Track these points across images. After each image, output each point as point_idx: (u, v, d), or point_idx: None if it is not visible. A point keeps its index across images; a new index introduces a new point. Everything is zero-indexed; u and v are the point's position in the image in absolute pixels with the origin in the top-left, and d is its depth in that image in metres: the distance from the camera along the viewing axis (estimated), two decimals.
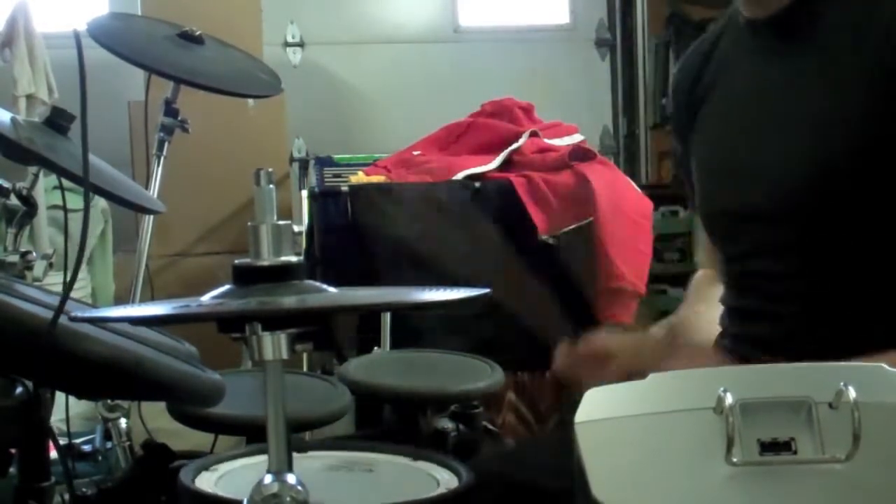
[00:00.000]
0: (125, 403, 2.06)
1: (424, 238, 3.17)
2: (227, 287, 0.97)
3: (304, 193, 3.45)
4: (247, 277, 0.97)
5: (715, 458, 0.87)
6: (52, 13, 3.95)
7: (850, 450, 0.86)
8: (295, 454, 0.93)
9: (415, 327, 2.90)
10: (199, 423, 1.67)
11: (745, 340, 1.43)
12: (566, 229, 3.15)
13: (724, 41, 1.51)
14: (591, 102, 4.53)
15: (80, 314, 1.00)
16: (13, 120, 1.62)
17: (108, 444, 2.14)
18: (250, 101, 3.57)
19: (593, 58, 4.71)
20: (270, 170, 0.99)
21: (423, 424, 1.74)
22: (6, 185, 1.81)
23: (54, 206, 3.01)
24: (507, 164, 3.39)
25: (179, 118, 2.62)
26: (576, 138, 3.56)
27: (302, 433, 1.78)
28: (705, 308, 1.53)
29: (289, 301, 0.92)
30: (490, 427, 1.90)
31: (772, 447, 0.87)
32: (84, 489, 1.55)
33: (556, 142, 3.51)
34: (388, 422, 1.80)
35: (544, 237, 3.13)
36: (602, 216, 3.13)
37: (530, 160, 3.38)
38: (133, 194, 1.85)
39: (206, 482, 1.25)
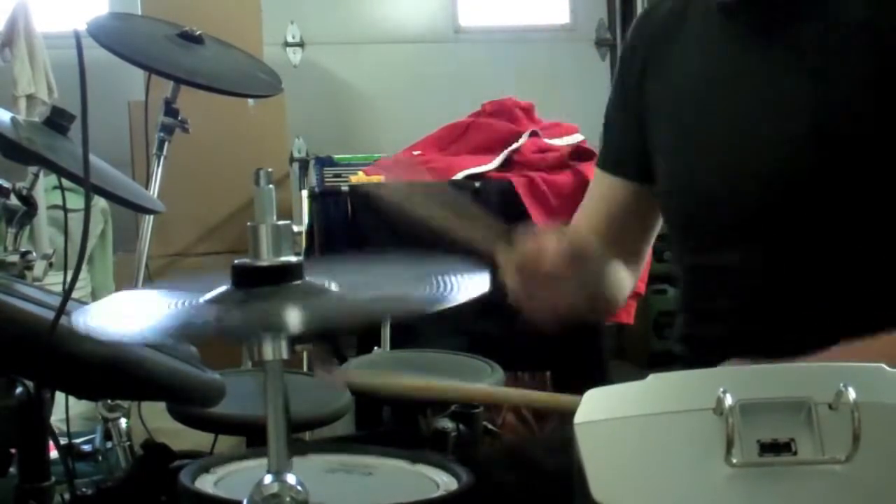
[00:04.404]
0: (125, 403, 2.06)
1: (424, 238, 3.17)
2: (225, 288, 0.97)
3: (304, 193, 3.45)
4: (246, 278, 0.97)
5: (715, 458, 0.87)
6: (52, 13, 3.95)
7: (850, 450, 0.86)
8: (294, 457, 0.93)
9: (415, 327, 2.90)
10: (199, 423, 1.67)
11: (707, 343, 1.42)
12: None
13: (690, 21, 1.47)
14: (591, 102, 4.52)
15: (81, 321, 0.99)
16: (13, 120, 1.62)
17: (108, 444, 2.14)
18: (250, 100, 3.57)
19: (593, 58, 4.71)
20: (270, 170, 0.99)
21: (423, 424, 1.74)
22: (6, 185, 1.81)
23: (54, 206, 3.01)
24: (507, 164, 3.39)
25: (179, 118, 2.61)
26: (576, 138, 3.56)
27: (302, 433, 1.78)
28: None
29: (292, 317, 0.91)
30: (490, 427, 1.90)
31: (772, 448, 0.87)
32: (84, 489, 1.55)
33: (556, 142, 3.51)
34: (388, 422, 1.80)
35: None
36: None
37: (530, 160, 3.38)
38: (133, 194, 1.85)
39: (205, 483, 1.25)
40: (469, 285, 0.99)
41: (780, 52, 1.35)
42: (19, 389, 1.30)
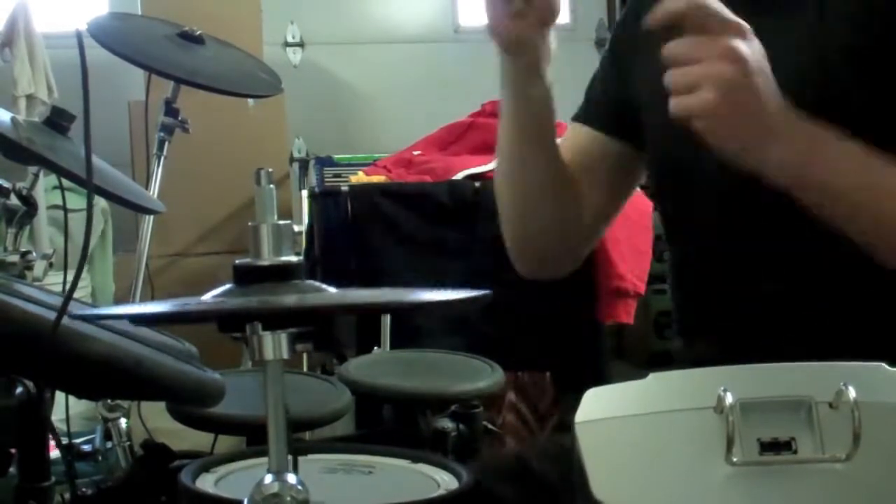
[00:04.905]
0: (125, 403, 2.06)
1: (424, 238, 3.18)
2: (227, 287, 0.97)
3: (304, 193, 3.46)
4: (247, 277, 0.97)
5: (715, 457, 0.87)
6: (52, 13, 3.96)
7: (851, 449, 0.86)
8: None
9: (415, 327, 2.90)
10: (199, 423, 1.67)
11: (698, 331, 1.42)
12: None
13: None
14: None
15: (79, 312, 1.00)
16: (13, 120, 1.62)
17: (108, 444, 2.14)
18: (250, 100, 3.58)
19: (593, 58, 4.70)
20: (270, 170, 0.99)
21: (423, 424, 1.74)
22: (6, 185, 1.82)
23: (54, 206, 3.02)
24: None
25: (179, 118, 2.62)
26: None
27: (302, 433, 1.78)
28: None
29: (289, 300, 0.92)
30: (490, 427, 1.90)
31: (772, 447, 0.87)
32: (84, 489, 1.55)
33: (556, 142, 3.50)
34: (388, 422, 1.80)
35: None
36: None
37: None
38: (133, 194, 1.85)
39: (205, 483, 1.25)
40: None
41: (772, 21, 1.34)
42: (19, 389, 1.30)
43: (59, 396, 1.55)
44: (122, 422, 2.06)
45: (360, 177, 3.43)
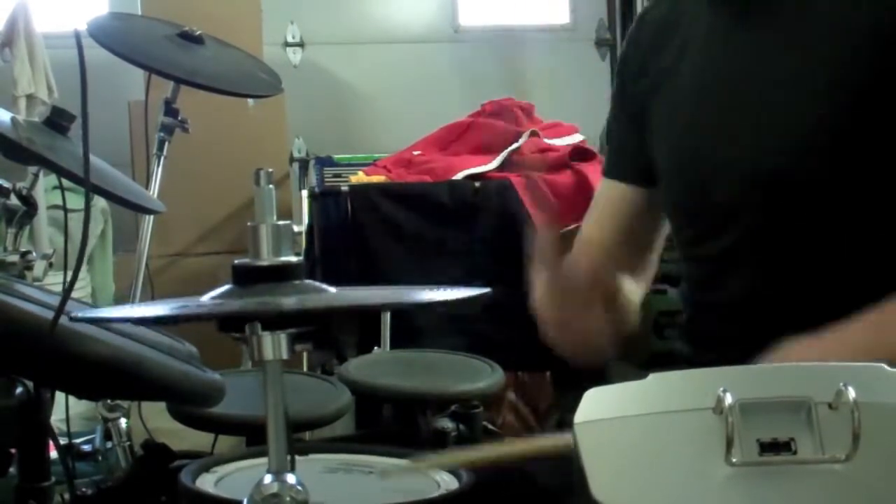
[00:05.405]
0: (125, 403, 2.06)
1: (424, 238, 3.18)
2: (226, 287, 0.97)
3: (304, 193, 3.45)
4: (246, 277, 0.97)
5: (714, 458, 0.87)
6: (52, 13, 3.95)
7: (850, 450, 0.86)
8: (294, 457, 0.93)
9: (415, 327, 2.90)
10: (199, 423, 1.67)
11: (706, 337, 1.42)
12: (566, 229, 3.15)
13: (684, 19, 1.48)
14: (591, 102, 4.52)
15: (80, 314, 1.00)
16: (13, 120, 1.62)
17: (108, 444, 2.14)
18: (250, 100, 3.58)
19: (593, 58, 4.71)
20: (270, 170, 0.99)
21: (423, 424, 1.74)
22: (6, 185, 1.82)
23: (54, 206, 3.02)
24: (507, 164, 3.39)
25: (179, 118, 2.62)
26: (576, 138, 3.56)
27: (302, 433, 1.78)
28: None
29: (288, 302, 0.92)
30: (490, 427, 1.90)
31: (771, 447, 0.87)
32: (84, 489, 1.55)
33: (556, 142, 3.51)
34: (388, 422, 1.81)
35: None
36: None
37: (530, 160, 3.38)
38: (133, 194, 1.85)
39: (206, 483, 1.25)
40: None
41: (772, 42, 1.35)
42: (19, 389, 1.30)
43: (59, 396, 1.55)
44: (122, 422, 2.06)
45: (360, 177, 3.43)
